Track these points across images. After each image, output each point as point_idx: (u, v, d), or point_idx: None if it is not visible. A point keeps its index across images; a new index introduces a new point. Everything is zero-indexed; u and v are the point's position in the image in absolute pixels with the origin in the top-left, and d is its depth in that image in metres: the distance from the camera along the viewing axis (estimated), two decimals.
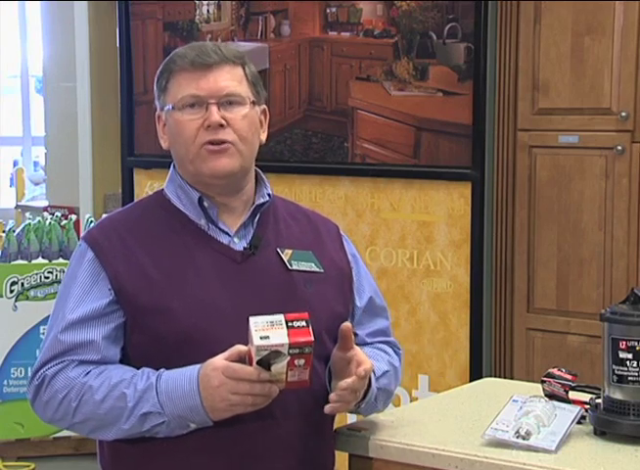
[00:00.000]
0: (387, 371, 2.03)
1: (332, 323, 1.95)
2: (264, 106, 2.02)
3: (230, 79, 1.93)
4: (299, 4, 3.90)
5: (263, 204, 1.99)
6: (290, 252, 1.97)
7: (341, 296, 2.01)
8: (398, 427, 2.01)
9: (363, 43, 3.78)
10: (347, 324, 1.87)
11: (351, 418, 3.57)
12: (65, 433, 4.43)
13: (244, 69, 1.96)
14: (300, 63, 3.93)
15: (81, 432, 1.91)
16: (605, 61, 3.42)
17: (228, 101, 1.92)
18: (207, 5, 4.11)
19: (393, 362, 2.07)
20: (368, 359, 1.88)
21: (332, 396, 1.84)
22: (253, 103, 1.96)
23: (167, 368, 1.83)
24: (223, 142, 1.91)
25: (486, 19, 3.53)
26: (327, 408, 1.85)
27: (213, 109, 1.90)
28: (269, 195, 2.01)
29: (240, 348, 1.76)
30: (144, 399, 1.80)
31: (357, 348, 1.90)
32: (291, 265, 1.95)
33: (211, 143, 1.91)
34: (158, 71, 2.00)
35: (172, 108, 1.94)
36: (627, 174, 3.41)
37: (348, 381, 1.82)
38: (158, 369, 1.84)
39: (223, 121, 1.90)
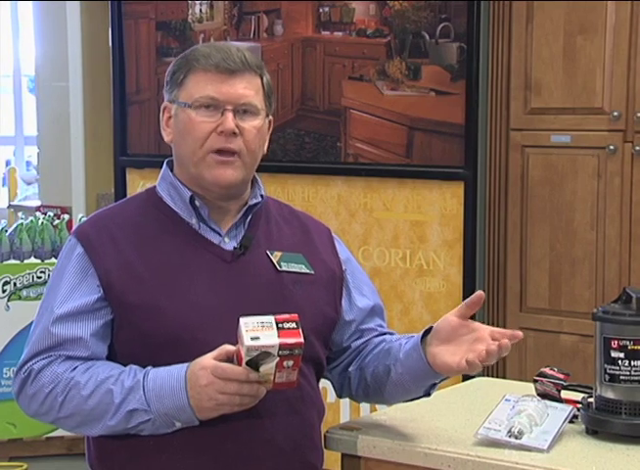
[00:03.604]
0: None
1: (320, 324, 1.96)
2: (271, 117, 2.02)
3: (249, 88, 1.93)
4: (292, 3, 3.90)
5: (256, 204, 1.99)
6: (279, 253, 1.97)
7: (330, 298, 2.01)
8: (391, 426, 2.01)
9: (356, 43, 3.78)
10: (481, 292, 1.85)
11: (344, 418, 3.58)
12: (57, 433, 4.43)
13: (262, 79, 1.97)
14: (293, 62, 3.93)
15: (66, 426, 1.90)
16: (597, 60, 3.42)
17: (244, 110, 1.92)
18: (200, 4, 4.11)
19: None
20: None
21: (494, 347, 1.78)
22: (266, 115, 1.97)
23: (154, 366, 1.83)
24: (231, 152, 1.90)
25: (479, 18, 3.53)
26: (473, 358, 1.80)
27: (229, 115, 1.90)
28: (262, 196, 2.01)
29: (228, 347, 1.76)
30: (131, 395, 1.80)
31: None
32: (280, 267, 1.95)
33: (220, 151, 1.90)
34: (174, 63, 1.98)
35: (187, 105, 1.93)
36: (619, 174, 3.42)
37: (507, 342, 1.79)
38: (145, 367, 1.84)
39: (237, 130, 1.90)
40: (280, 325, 1.72)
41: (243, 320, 1.72)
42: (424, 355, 1.87)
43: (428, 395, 1.99)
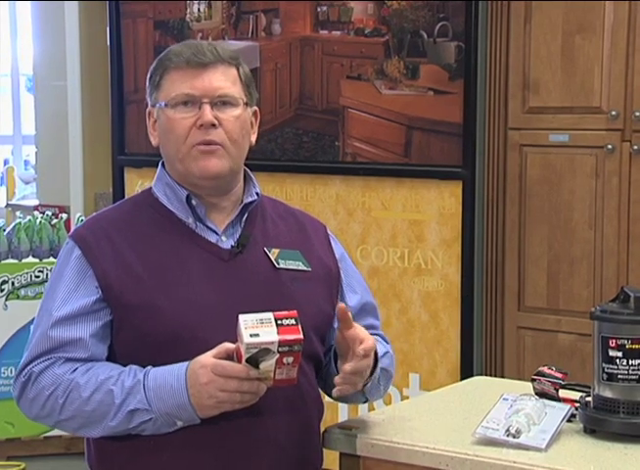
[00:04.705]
0: (386, 352, 2.04)
1: (319, 321, 1.96)
2: (256, 107, 2.02)
3: (224, 80, 1.93)
4: (290, 3, 3.90)
5: (251, 202, 1.99)
6: (277, 251, 1.98)
7: (328, 294, 2.01)
8: (389, 425, 2.01)
9: (354, 42, 3.78)
10: (342, 305, 1.86)
11: (342, 416, 3.58)
12: (55, 432, 4.42)
13: (238, 70, 1.97)
14: (291, 61, 3.93)
15: (67, 429, 1.90)
16: (595, 60, 3.42)
17: (221, 101, 1.92)
18: (198, 4, 4.11)
19: (388, 349, 2.08)
20: (370, 337, 1.85)
21: (337, 379, 1.84)
22: (246, 104, 1.97)
23: (154, 366, 1.83)
24: (214, 144, 1.91)
25: (477, 18, 3.53)
26: (335, 392, 1.85)
27: (206, 108, 1.91)
28: (257, 194, 2.01)
29: (227, 345, 1.77)
30: (131, 395, 1.81)
31: (359, 326, 1.87)
32: (278, 264, 1.96)
33: (202, 144, 1.91)
34: (151, 67, 2.00)
35: (165, 105, 1.94)
36: (617, 173, 3.42)
37: (352, 364, 1.82)
38: (145, 367, 1.84)
39: (215, 121, 1.91)
40: (279, 322, 1.72)
41: (242, 317, 1.72)
42: (335, 371, 1.92)
43: (366, 400, 2.03)
